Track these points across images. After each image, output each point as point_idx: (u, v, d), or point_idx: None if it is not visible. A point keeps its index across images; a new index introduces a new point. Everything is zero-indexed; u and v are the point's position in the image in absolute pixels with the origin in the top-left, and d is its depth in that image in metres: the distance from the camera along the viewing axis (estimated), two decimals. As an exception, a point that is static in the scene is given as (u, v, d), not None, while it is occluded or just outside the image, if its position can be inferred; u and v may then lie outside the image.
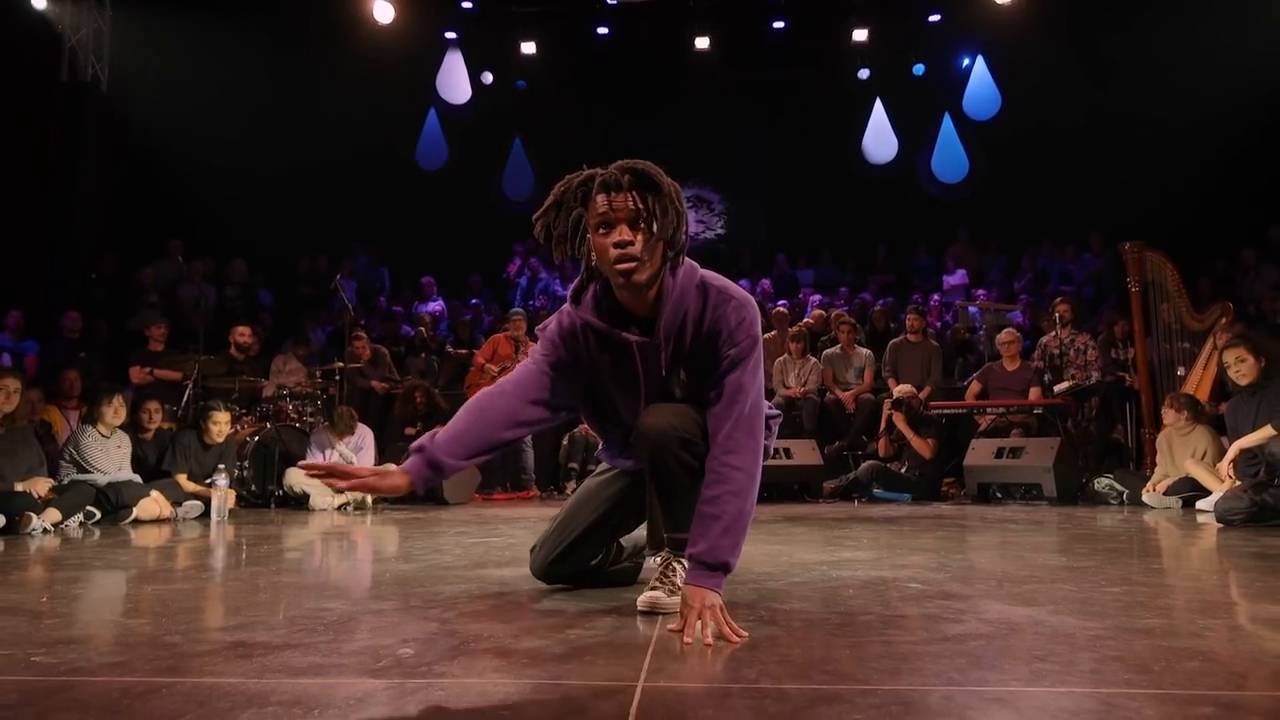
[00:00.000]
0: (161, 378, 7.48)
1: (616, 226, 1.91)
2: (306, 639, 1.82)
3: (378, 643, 1.79)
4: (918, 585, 2.49)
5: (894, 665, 1.57)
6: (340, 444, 6.52)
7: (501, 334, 7.81)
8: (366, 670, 1.57)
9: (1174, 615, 2.02)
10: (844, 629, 1.89)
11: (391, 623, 2.02)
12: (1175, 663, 1.57)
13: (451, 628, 1.94)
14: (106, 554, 3.66)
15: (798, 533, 4.18)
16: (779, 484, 6.72)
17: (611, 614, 2.10)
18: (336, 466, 2.01)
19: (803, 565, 2.94)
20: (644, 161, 1.95)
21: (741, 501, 1.90)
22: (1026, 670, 1.53)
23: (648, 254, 1.91)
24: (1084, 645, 1.71)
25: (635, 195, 1.91)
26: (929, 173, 13.29)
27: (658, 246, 1.94)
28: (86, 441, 5.26)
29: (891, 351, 7.98)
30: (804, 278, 12.17)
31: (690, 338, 2.01)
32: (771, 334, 8.67)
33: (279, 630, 1.91)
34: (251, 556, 3.55)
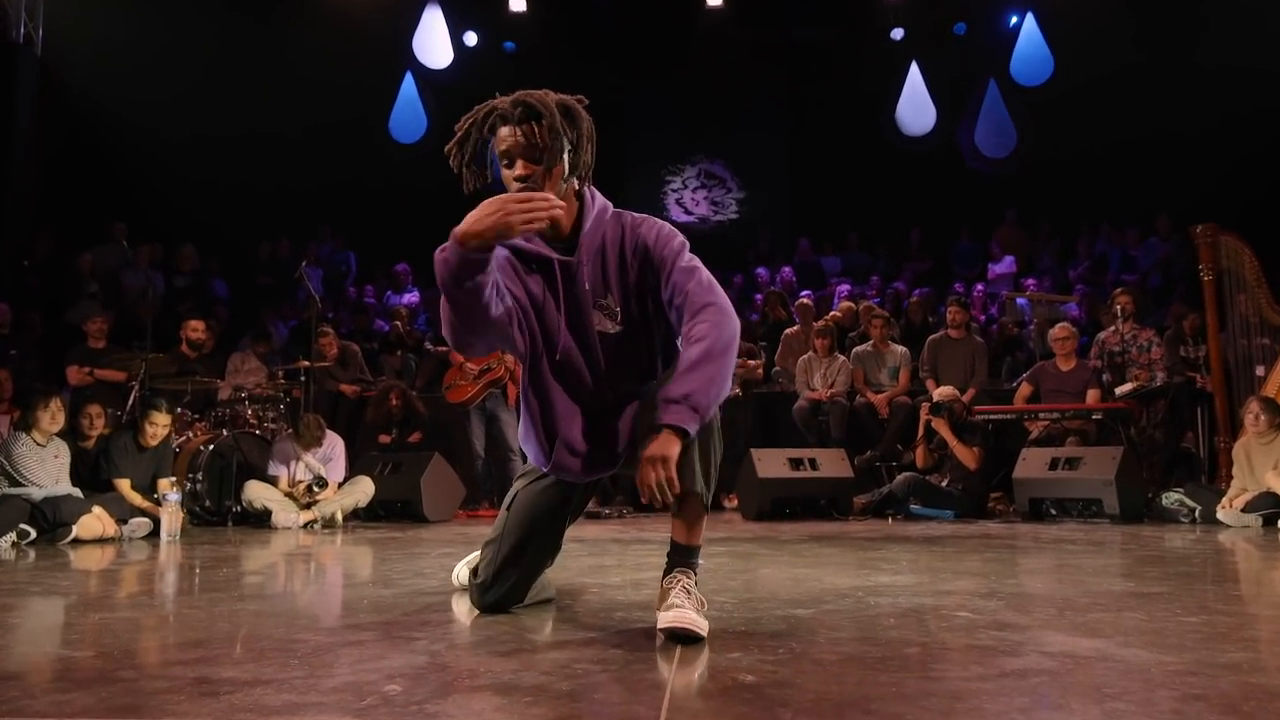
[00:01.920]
0: (103, 378, 7.49)
1: (516, 160, 2.20)
2: (278, 674, 1.82)
3: (360, 678, 1.79)
4: (967, 614, 2.49)
5: (946, 705, 1.57)
6: (307, 455, 6.53)
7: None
8: (350, 710, 1.57)
9: (1261, 648, 2.02)
10: (886, 664, 1.89)
11: (373, 655, 2.02)
12: (1267, 702, 1.57)
13: (442, 661, 1.94)
14: (44, 578, 3.67)
15: (827, 554, 4.19)
16: (803, 499, 6.73)
17: (622, 643, 2.10)
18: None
19: (835, 592, 2.94)
20: (539, 91, 2.22)
21: (710, 356, 2.10)
22: (1098, 710, 1.53)
23: (547, 185, 2.18)
24: (1161, 682, 1.71)
25: (528, 127, 2.19)
26: (972, 146, 13.29)
27: (555, 171, 2.20)
28: (20, 451, 5.27)
29: (930, 349, 7.98)
30: (830, 265, 12.20)
31: (614, 262, 2.28)
32: (795, 329, 8.68)
33: (246, 664, 1.91)
34: (209, 581, 3.55)
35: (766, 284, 11.15)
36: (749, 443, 7.44)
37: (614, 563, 3.90)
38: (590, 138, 2.27)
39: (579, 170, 2.25)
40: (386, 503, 6.81)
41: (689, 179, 14.37)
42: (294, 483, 6.50)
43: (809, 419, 7.77)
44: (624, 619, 2.48)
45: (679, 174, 14.37)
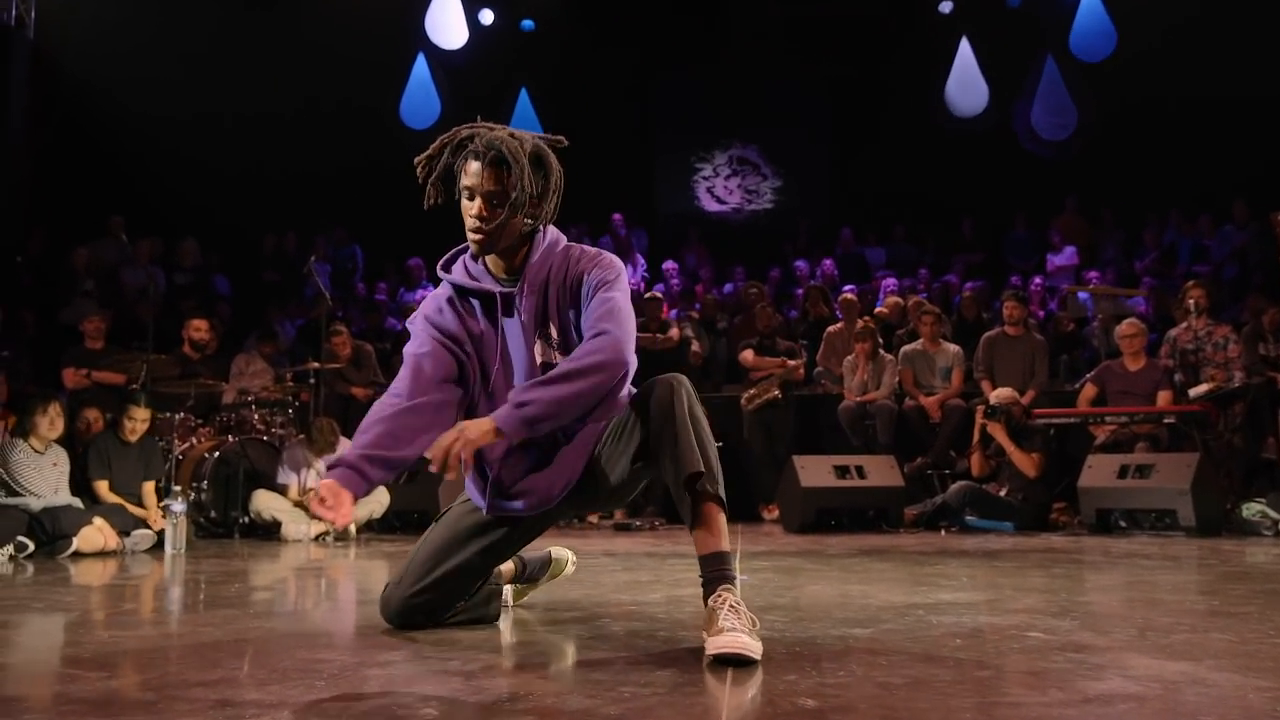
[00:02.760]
0: (101, 381, 7.58)
1: (475, 199, 2.41)
2: (304, 696, 1.83)
3: (393, 702, 1.80)
4: (1038, 635, 2.47)
5: (1028, 732, 1.56)
6: (319, 462, 6.57)
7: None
8: (385, 735, 1.58)
9: (1366, 672, 1.99)
10: (957, 688, 1.88)
11: (403, 676, 2.03)
12: (1380, 731, 1.55)
13: (477, 683, 1.95)
14: (46, 594, 3.72)
15: (879, 570, 4.18)
16: (850, 510, 6.71)
17: (670, 663, 2.11)
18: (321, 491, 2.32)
19: (892, 609, 2.93)
20: (516, 137, 2.42)
21: (573, 374, 2.27)
22: (1195, 739, 1.52)
23: (498, 229, 2.41)
24: (1263, 710, 1.70)
25: (496, 172, 2.39)
26: (1028, 128, 13.20)
27: (512, 221, 2.42)
28: (17, 458, 5.34)
29: (985, 347, 7.93)
30: (874, 258, 12.16)
31: (555, 294, 2.47)
32: (838, 326, 8.66)
33: (270, 686, 1.93)
34: (219, 597, 3.59)
35: (806, 278, 11.12)
36: (790, 449, 7.43)
37: (650, 578, 3.91)
38: (557, 189, 2.48)
39: (539, 221, 2.48)
40: (402, 514, 6.85)
41: (720, 166, 14.37)
42: (304, 491, 6.55)
43: (854, 422, 7.74)
44: (668, 638, 2.48)
45: (709, 161, 14.37)
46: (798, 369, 8.22)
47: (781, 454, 7.66)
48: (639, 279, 11.42)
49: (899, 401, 7.85)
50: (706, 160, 14.39)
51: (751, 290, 9.82)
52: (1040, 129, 13.18)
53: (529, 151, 2.42)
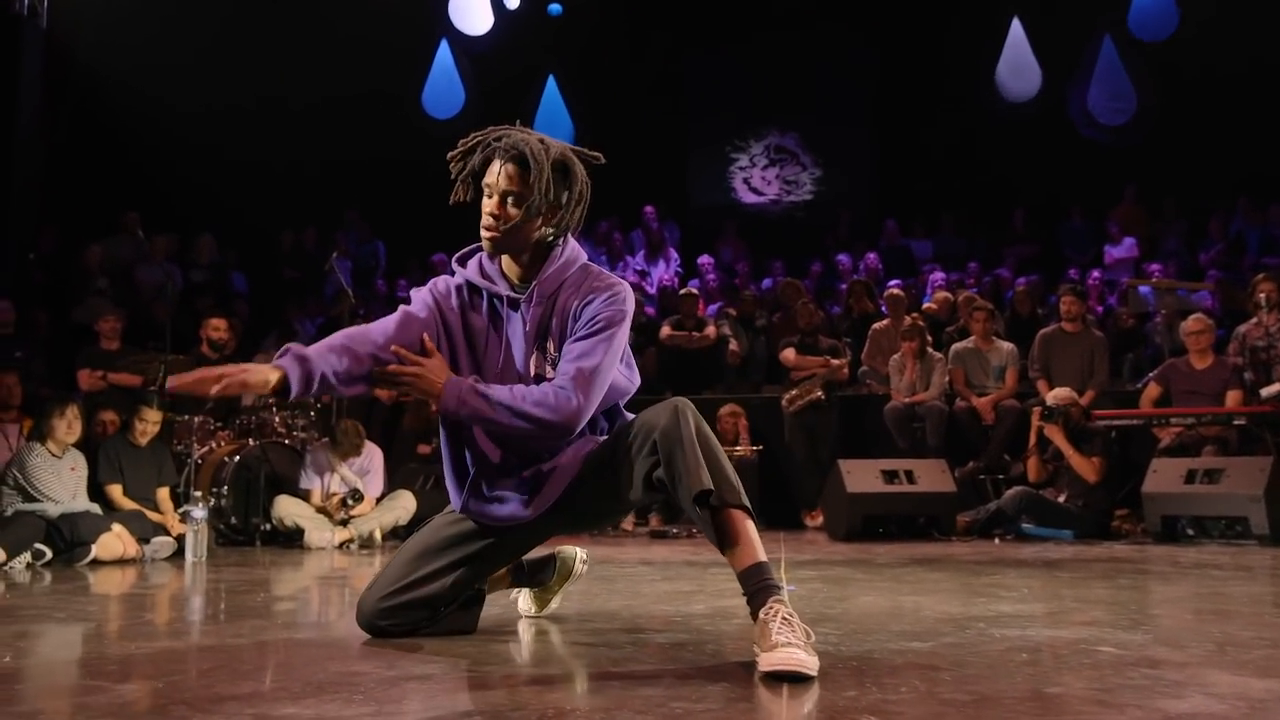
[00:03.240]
0: (117, 383, 7.66)
1: (493, 196, 2.51)
2: (343, 711, 1.85)
3: (436, 716, 1.81)
4: (1109, 649, 2.45)
5: (1108, 753, 1.54)
6: (343, 466, 6.62)
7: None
8: (430, 751, 1.59)
9: None
10: (1028, 705, 1.87)
11: (444, 690, 2.04)
12: None
13: (520, 698, 1.96)
14: (67, 603, 3.77)
15: (932, 580, 4.16)
16: (899, 516, 6.68)
17: (721, 678, 2.11)
18: (207, 373, 2.39)
19: (950, 622, 2.92)
20: (545, 143, 2.51)
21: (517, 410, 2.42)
22: (1288, 761, 1.50)
23: (513, 230, 2.50)
24: (1358, 729, 1.67)
25: (516, 171, 2.49)
26: (1084, 112, 13.07)
27: (527, 224, 2.50)
28: (34, 463, 5.41)
29: (1041, 345, 7.87)
30: (921, 251, 12.09)
31: (563, 310, 2.56)
32: (884, 323, 8.62)
33: (305, 700, 1.94)
34: (244, 606, 3.62)
35: (849, 272, 11.08)
36: (835, 453, 7.40)
37: (693, 588, 3.91)
38: (582, 200, 2.57)
39: (560, 229, 2.56)
40: (427, 521, 6.88)
41: (757, 155, 14.33)
42: (327, 496, 6.60)
43: (902, 424, 7.70)
44: (715, 651, 2.48)
45: (745, 150, 14.34)
46: (841, 368, 8.19)
47: (825, 458, 7.65)
48: (672, 274, 11.43)
49: (949, 403, 7.80)
50: (742, 149, 14.36)
51: (792, 286, 9.79)
52: (1097, 113, 13.03)
53: (554, 158, 2.50)
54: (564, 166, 2.52)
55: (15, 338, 8.55)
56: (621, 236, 12.05)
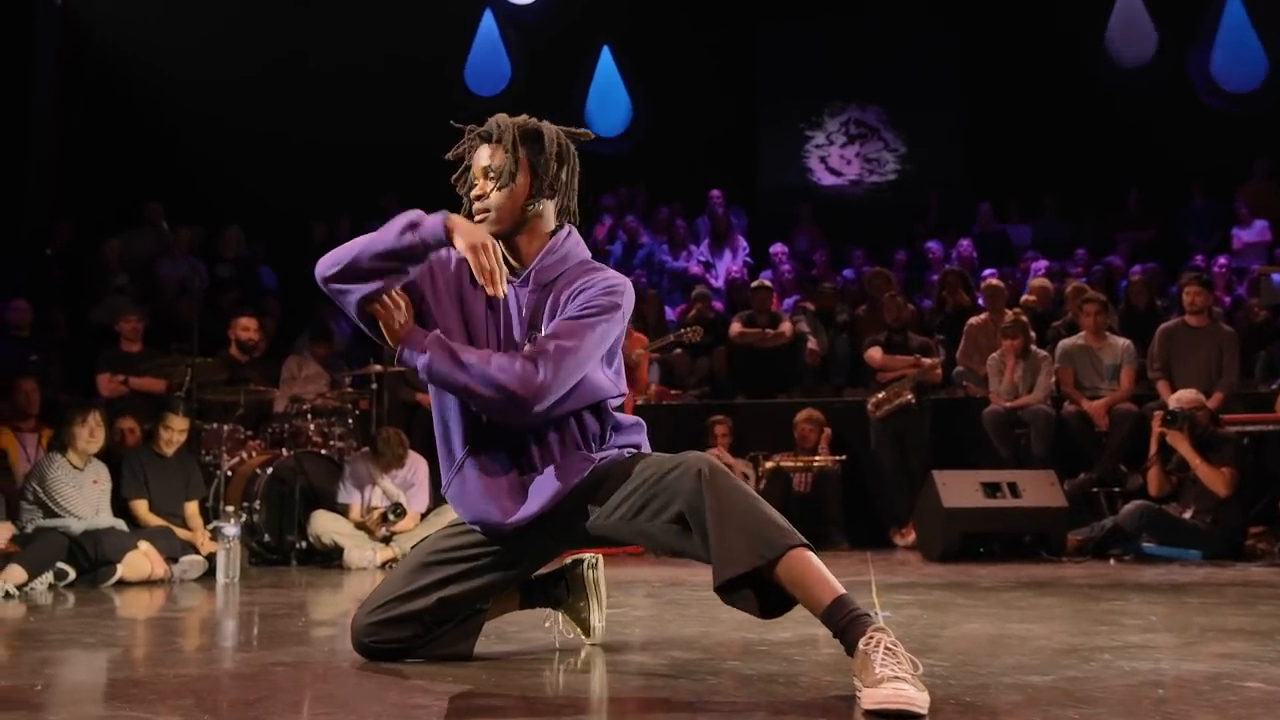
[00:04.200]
0: (139, 388, 7.79)
1: (480, 180, 2.73)
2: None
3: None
4: (1257, 685, 2.42)
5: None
6: (385, 479, 6.68)
7: (594, 323, 7.90)
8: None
9: None
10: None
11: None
12: None
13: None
14: (94, 627, 3.85)
15: (1044, 605, 4.13)
16: (1002, 534, 6.61)
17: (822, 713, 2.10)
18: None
19: (1071, 653, 2.89)
20: (521, 118, 2.74)
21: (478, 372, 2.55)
22: None
23: (499, 207, 2.70)
24: None
25: (486, 149, 2.74)
26: (1206, 78, 12.82)
27: (510, 197, 2.70)
28: (55, 475, 5.52)
29: (1162, 341, 7.74)
30: (1019, 236, 11.96)
31: (558, 301, 2.70)
32: (981, 318, 8.53)
33: (364, 735, 1.96)
34: (282, 631, 3.68)
35: (940, 261, 10.97)
36: (928, 463, 7.34)
37: (775, 614, 3.88)
38: (558, 158, 2.74)
39: (543, 192, 2.73)
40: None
41: (834, 133, 14.25)
42: (367, 511, 6.67)
43: (1004, 430, 7.61)
44: (810, 684, 2.48)
45: (821, 127, 14.27)
46: (934, 368, 8.11)
47: (917, 469, 7.58)
48: (741, 265, 11.41)
49: (1057, 406, 7.69)
50: (818, 126, 14.29)
51: (878, 276, 9.71)
52: (1221, 79, 12.78)
53: (525, 127, 2.72)
54: (534, 133, 2.72)
55: (31, 340, 8.72)
56: (685, 224, 12.04)
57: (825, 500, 7.78)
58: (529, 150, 2.71)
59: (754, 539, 2.33)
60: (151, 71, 11.15)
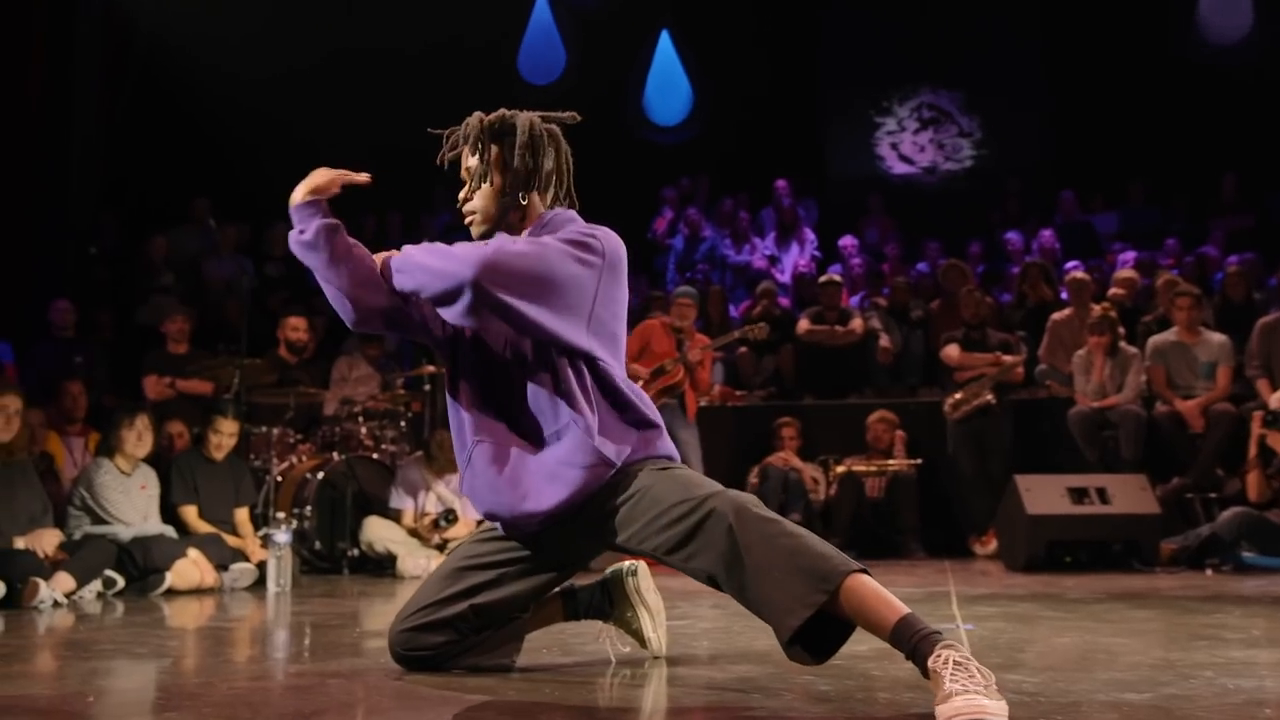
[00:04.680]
0: (186, 391, 7.91)
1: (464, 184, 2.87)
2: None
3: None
4: (1376, 704, 2.35)
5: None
6: (439, 484, 6.73)
7: (655, 320, 7.91)
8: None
9: None
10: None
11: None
12: None
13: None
14: (144, 637, 3.91)
15: (1138, 619, 4.09)
16: (1090, 542, 6.55)
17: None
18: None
19: (1169, 669, 2.85)
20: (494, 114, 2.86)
21: (421, 261, 2.68)
22: None
23: (482, 209, 2.83)
24: None
25: (468, 151, 2.86)
26: (1307, 53, 12.58)
27: (488, 196, 2.82)
28: (103, 480, 5.63)
29: (1261, 337, 7.63)
30: (1105, 225, 11.84)
31: None
32: (1066, 313, 8.43)
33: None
34: (337, 643, 3.72)
35: (1020, 253, 10.87)
36: (1009, 468, 7.28)
37: (850, 626, 3.86)
38: (530, 150, 2.81)
39: (520, 186, 2.81)
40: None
41: (906, 119, 14.16)
42: (419, 517, 6.72)
43: (1091, 432, 7.52)
44: (890, 701, 2.46)
45: (892, 113, 14.18)
46: (1015, 367, 8.03)
47: (997, 473, 7.54)
48: (809, 259, 11.36)
49: (1148, 407, 7.60)
50: (889, 112, 14.20)
51: (954, 269, 9.63)
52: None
53: (493, 124, 2.83)
54: (503, 128, 2.82)
55: (76, 341, 8.89)
56: (749, 216, 12.03)
57: (900, 507, 7.76)
58: (502, 147, 2.81)
59: (807, 578, 2.34)
60: (196, 64, 11.28)
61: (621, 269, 2.74)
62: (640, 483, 2.61)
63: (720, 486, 2.55)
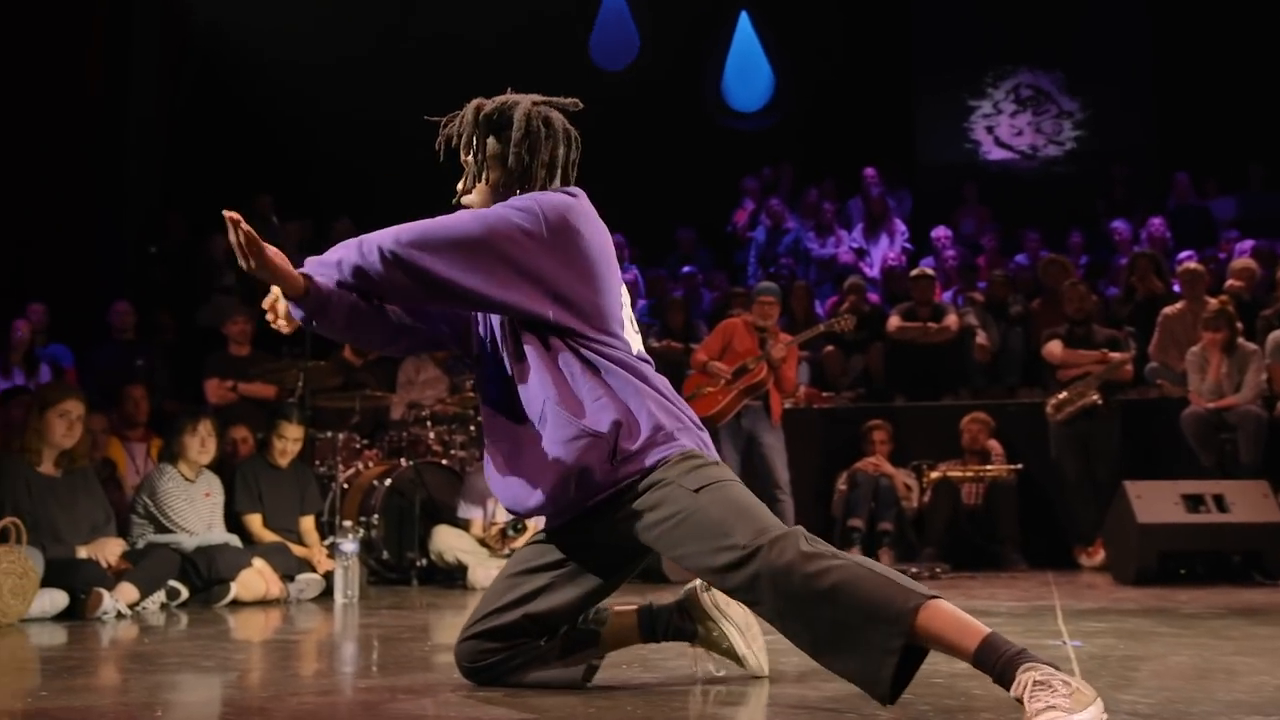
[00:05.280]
0: (248, 394, 8.04)
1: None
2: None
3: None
4: None
5: None
6: (509, 491, 6.77)
7: (736, 318, 7.89)
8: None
9: None
10: None
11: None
12: None
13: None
14: (211, 649, 3.99)
15: (1261, 636, 4.03)
16: (1206, 554, 6.47)
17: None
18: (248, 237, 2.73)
19: (1300, 691, 2.79)
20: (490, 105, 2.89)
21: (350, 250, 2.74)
22: None
23: (479, 203, 2.86)
24: None
25: (463, 146, 2.90)
26: None
27: (486, 199, 2.86)
28: (166, 488, 5.72)
29: (1393, 331, 7.44)
30: (1221, 211, 11.67)
31: None
32: (1178, 307, 8.30)
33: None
34: (407, 656, 3.77)
35: (1128, 243, 10.70)
36: (1117, 473, 7.18)
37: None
38: (527, 143, 2.84)
39: (520, 179, 2.85)
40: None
41: (1002, 101, 14.01)
42: (488, 527, 6.77)
43: (1207, 435, 7.39)
44: (995, 722, 2.44)
45: (987, 95, 14.03)
46: (1123, 365, 7.91)
47: (1105, 479, 7.44)
48: (899, 251, 11.27)
49: (1268, 407, 7.46)
50: (984, 94, 14.05)
51: (1055, 263, 9.51)
52: None
53: (489, 117, 2.86)
54: (499, 121, 2.85)
55: (136, 343, 9.08)
56: (834, 206, 11.97)
57: (999, 515, 7.68)
58: (497, 140, 2.86)
59: (877, 625, 2.33)
60: (257, 55, 11.47)
61: (573, 229, 2.72)
62: (675, 498, 2.60)
63: (765, 522, 2.51)
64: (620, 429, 2.65)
